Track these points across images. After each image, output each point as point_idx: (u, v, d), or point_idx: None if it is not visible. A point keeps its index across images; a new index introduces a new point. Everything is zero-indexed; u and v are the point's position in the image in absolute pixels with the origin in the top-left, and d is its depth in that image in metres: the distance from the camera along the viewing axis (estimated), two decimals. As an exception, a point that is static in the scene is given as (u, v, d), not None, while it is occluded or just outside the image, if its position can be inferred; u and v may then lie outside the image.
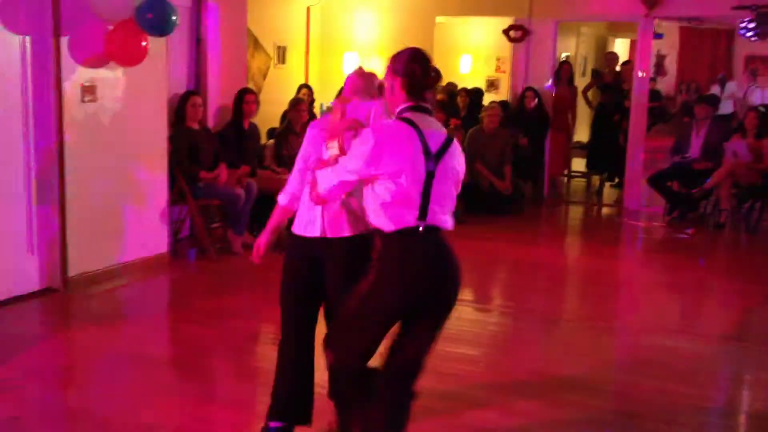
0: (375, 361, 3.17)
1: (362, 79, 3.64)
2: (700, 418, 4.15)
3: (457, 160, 3.13)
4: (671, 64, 17.20)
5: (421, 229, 3.01)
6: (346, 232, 3.40)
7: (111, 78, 5.88)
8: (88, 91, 5.73)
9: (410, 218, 3.01)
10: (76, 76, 5.61)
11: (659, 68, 16.84)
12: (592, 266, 7.37)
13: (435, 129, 3.09)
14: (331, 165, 3.16)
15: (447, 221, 3.10)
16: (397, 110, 3.13)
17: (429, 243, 3.04)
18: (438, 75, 3.28)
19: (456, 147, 3.14)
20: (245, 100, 7.33)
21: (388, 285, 3.04)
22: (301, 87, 9.25)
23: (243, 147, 7.33)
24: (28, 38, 5.37)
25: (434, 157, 3.03)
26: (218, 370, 4.68)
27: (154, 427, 3.76)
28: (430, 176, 3.01)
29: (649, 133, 10.57)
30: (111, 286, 5.95)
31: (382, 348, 3.16)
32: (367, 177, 3.04)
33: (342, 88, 3.84)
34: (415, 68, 3.15)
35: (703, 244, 8.38)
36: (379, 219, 3.04)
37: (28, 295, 5.56)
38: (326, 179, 3.15)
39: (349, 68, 9.79)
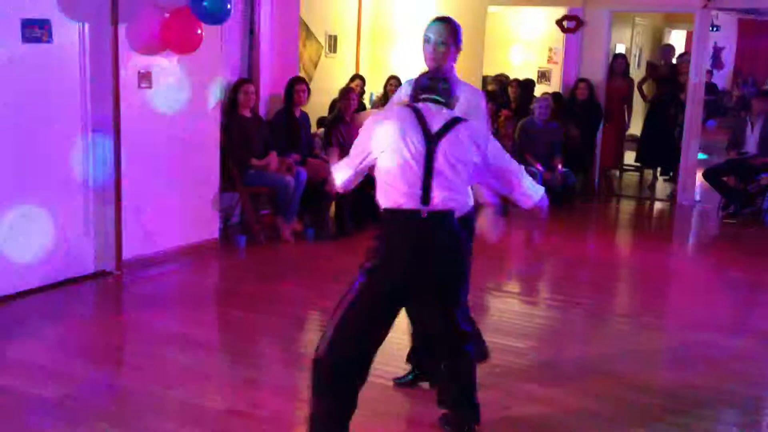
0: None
1: None
2: (750, 417, 4.08)
3: (463, 145, 3.15)
4: (728, 57, 16.81)
5: (424, 215, 3.05)
6: None
7: (166, 65, 5.97)
8: (144, 77, 5.83)
9: (408, 199, 3.06)
10: (132, 63, 5.71)
11: (716, 61, 16.47)
12: (642, 261, 7.27)
13: (439, 113, 3.19)
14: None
15: (453, 203, 3.12)
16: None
17: (421, 225, 3.07)
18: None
19: (461, 131, 3.16)
20: (296, 89, 7.38)
21: (379, 265, 3.11)
22: (353, 77, 9.28)
23: (293, 135, 7.38)
24: (86, 25, 5.48)
25: (435, 137, 3.09)
26: (266, 356, 4.74)
27: (202, 409, 3.83)
28: (429, 156, 3.06)
29: (704, 128, 10.36)
30: (163, 271, 6.06)
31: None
32: (367, 160, 3.20)
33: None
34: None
35: (758, 241, 8.20)
36: (379, 196, 3.17)
37: (83, 277, 5.69)
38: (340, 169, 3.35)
39: (400, 58, 9.78)
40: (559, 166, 9.05)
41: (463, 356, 3.40)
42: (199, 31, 5.78)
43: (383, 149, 3.14)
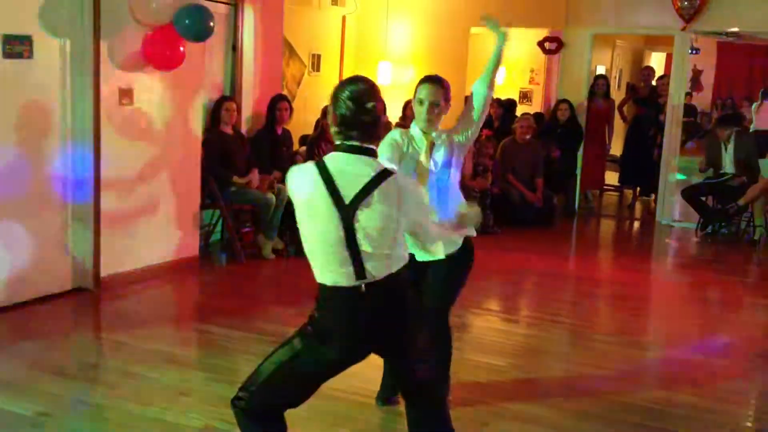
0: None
1: None
2: (729, 436, 4.10)
3: (390, 206, 2.71)
4: (707, 80, 17.03)
5: (362, 289, 2.73)
6: None
7: (148, 82, 5.97)
8: (126, 94, 5.82)
9: (341, 276, 2.74)
10: (114, 80, 5.70)
11: (695, 83, 16.68)
12: (623, 280, 7.30)
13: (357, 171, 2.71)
14: None
15: (393, 262, 2.78)
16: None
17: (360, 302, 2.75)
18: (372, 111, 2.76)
19: (386, 192, 2.70)
20: (278, 107, 7.40)
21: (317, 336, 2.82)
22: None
23: (275, 153, 7.39)
24: (68, 41, 5.47)
25: (350, 206, 2.68)
26: (244, 374, 4.68)
27: (180, 427, 3.80)
28: (349, 229, 2.68)
29: (683, 149, 10.48)
30: (141, 288, 6.02)
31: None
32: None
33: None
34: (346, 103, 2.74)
35: (737, 261, 8.27)
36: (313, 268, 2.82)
37: (61, 294, 5.64)
38: None
39: (383, 78, 9.83)
40: (540, 185, 9.10)
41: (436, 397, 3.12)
42: (182, 48, 5.79)
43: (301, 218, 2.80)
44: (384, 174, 2.72)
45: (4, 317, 5.16)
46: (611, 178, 11.48)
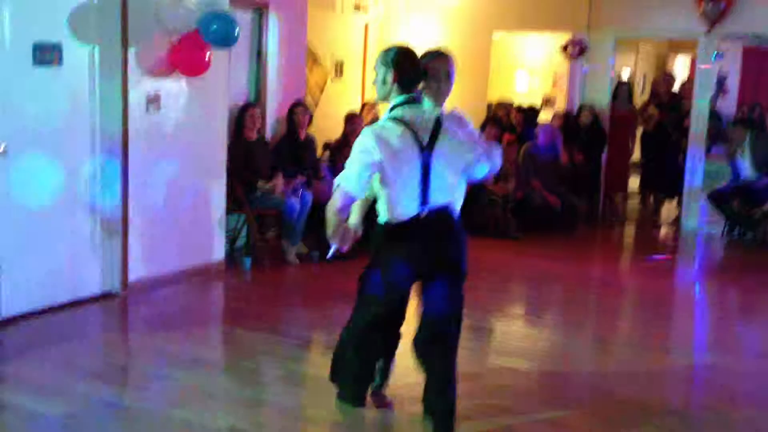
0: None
1: None
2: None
3: (452, 142, 3.52)
4: (733, 85, 16.88)
5: (423, 214, 3.45)
6: None
7: (175, 88, 6.04)
8: (153, 100, 5.90)
9: (414, 206, 3.46)
10: (141, 86, 5.78)
11: (720, 88, 16.54)
12: (646, 285, 7.27)
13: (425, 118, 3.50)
14: None
15: (446, 199, 3.52)
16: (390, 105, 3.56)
17: (428, 224, 3.48)
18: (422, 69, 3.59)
19: (446, 131, 3.50)
20: (294, 111, 7.48)
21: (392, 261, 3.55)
22: (364, 105, 9.38)
23: (299, 158, 7.45)
24: (97, 48, 5.56)
25: (428, 148, 3.44)
26: (269, 376, 4.75)
27: (206, 429, 3.84)
28: (426, 166, 3.43)
29: (708, 154, 10.40)
30: (168, 292, 6.09)
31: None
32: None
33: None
34: (404, 62, 3.51)
35: (762, 265, 8.21)
36: (386, 208, 3.53)
37: (89, 298, 5.72)
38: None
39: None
40: (562, 190, 9.09)
41: (453, 346, 3.74)
42: (208, 55, 5.86)
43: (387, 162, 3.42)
44: (440, 117, 3.53)
45: (35, 321, 5.24)
46: (635, 182, 11.43)
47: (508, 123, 10.10)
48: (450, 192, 3.56)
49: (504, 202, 8.67)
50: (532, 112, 10.81)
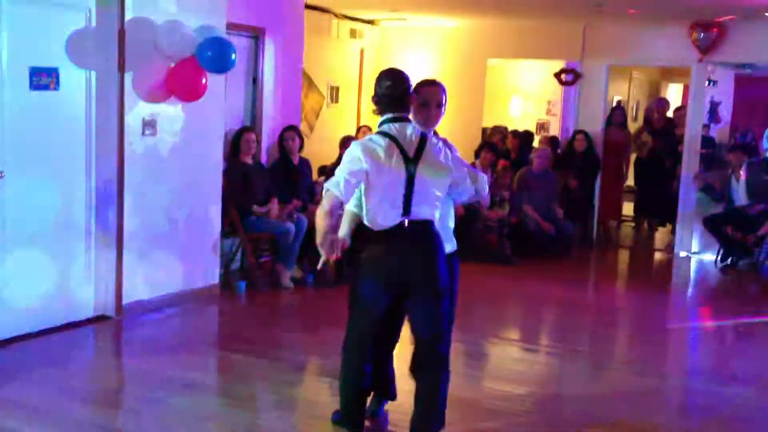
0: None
1: None
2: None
3: (437, 158, 3.67)
4: (725, 112, 17.01)
5: (406, 224, 3.59)
6: None
7: (171, 113, 6.07)
8: (149, 125, 5.93)
9: (395, 215, 3.59)
10: (137, 110, 5.81)
11: (713, 115, 16.66)
12: (641, 310, 7.28)
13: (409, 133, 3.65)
14: None
15: (428, 213, 3.64)
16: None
17: (407, 235, 3.61)
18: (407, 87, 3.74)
19: (432, 146, 3.67)
20: (285, 136, 7.53)
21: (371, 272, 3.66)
22: (360, 128, 9.44)
23: (294, 182, 7.47)
24: (93, 73, 5.59)
25: (413, 161, 3.59)
26: (265, 401, 4.74)
27: (200, 453, 3.83)
28: (410, 177, 3.57)
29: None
30: (163, 315, 6.08)
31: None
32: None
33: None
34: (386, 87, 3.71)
35: (756, 292, 8.24)
36: (368, 218, 3.65)
37: (83, 321, 5.70)
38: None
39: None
40: (558, 213, 9.12)
41: (439, 371, 3.75)
42: (204, 80, 5.90)
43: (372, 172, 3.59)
44: (426, 134, 3.71)
45: (29, 344, 5.22)
46: (628, 208, 11.49)
47: (503, 148, 10.17)
48: (432, 207, 3.67)
49: (499, 227, 8.70)
50: (527, 137, 10.89)
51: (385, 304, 3.71)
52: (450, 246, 3.99)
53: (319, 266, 3.69)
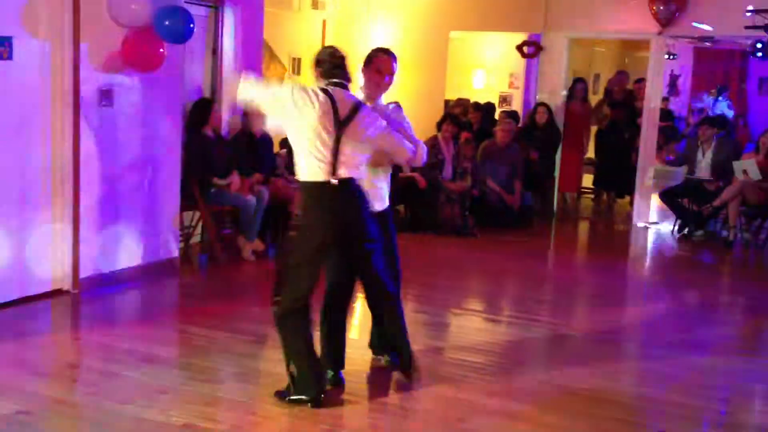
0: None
1: None
2: (702, 429, 4.18)
3: (366, 126, 3.90)
4: (685, 85, 17.20)
5: (333, 182, 3.82)
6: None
7: (128, 83, 5.97)
8: (106, 95, 5.83)
9: (322, 173, 3.83)
10: (93, 81, 5.70)
11: (672, 88, 16.85)
12: (600, 280, 7.38)
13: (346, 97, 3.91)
14: None
15: (358, 173, 3.91)
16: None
17: (337, 192, 3.84)
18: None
19: (364, 114, 3.90)
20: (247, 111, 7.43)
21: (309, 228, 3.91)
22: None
23: (255, 155, 7.41)
24: (47, 43, 5.47)
25: (343, 122, 3.81)
26: (224, 372, 4.73)
27: (160, 426, 3.81)
28: (338, 138, 3.80)
29: (660, 153, 10.58)
30: (122, 289, 6.02)
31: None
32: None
33: None
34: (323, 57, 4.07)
35: (712, 262, 8.40)
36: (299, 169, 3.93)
37: (40, 295, 5.63)
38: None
39: (362, 81, 9.87)
40: (518, 188, 9.18)
41: (390, 300, 4.17)
42: (162, 50, 5.80)
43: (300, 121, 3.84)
44: (360, 103, 3.97)
45: (-17, 318, 5.15)
46: (587, 180, 11.61)
47: (465, 121, 10.18)
48: (357, 167, 3.95)
49: (461, 200, 8.73)
50: (489, 110, 10.90)
51: (322, 259, 4.03)
52: (380, 205, 4.31)
53: None
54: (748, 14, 8.65)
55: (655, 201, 9.70)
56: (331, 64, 3.99)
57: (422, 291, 6.45)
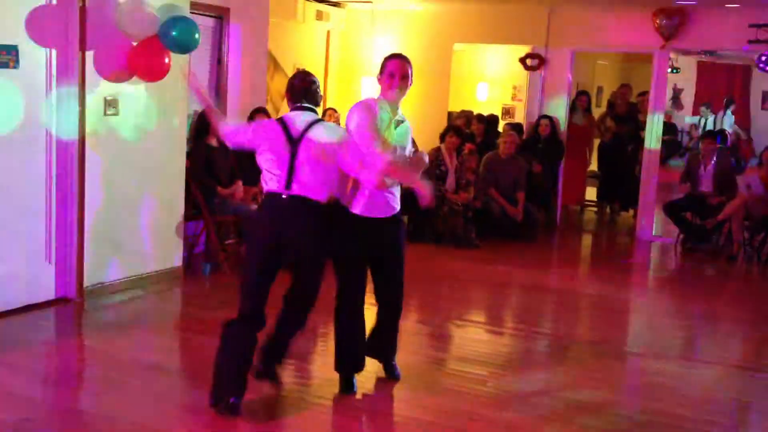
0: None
1: None
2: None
3: (319, 137, 4.00)
4: (688, 98, 17.24)
5: (284, 195, 3.96)
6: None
7: (133, 93, 6.00)
8: (111, 104, 5.85)
9: (277, 186, 3.99)
10: (99, 90, 5.73)
11: (675, 102, 16.89)
12: (603, 293, 7.37)
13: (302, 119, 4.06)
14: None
15: (316, 191, 3.99)
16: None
17: (285, 206, 3.97)
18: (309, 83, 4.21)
19: (320, 128, 4.03)
20: (255, 118, 7.46)
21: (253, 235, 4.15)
22: (326, 110, 9.40)
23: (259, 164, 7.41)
24: (54, 51, 5.50)
25: (296, 141, 3.98)
26: (228, 382, 4.72)
27: (163, 433, 3.82)
28: (293, 155, 3.97)
29: (663, 166, 10.62)
30: (125, 298, 6.03)
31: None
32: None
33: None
34: (294, 82, 4.21)
35: (716, 275, 8.39)
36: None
37: (44, 303, 5.64)
38: None
39: (366, 93, 9.91)
40: (521, 200, 9.19)
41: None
42: (167, 60, 5.82)
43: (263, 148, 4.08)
44: (318, 119, 4.11)
45: (-13, 326, 5.16)
46: (591, 193, 11.62)
47: (468, 132, 10.20)
48: (320, 187, 4.02)
49: (464, 211, 8.74)
50: (492, 122, 10.93)
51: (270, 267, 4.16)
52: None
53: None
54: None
55: (659, 214, 9.71)
56: (301, 89, 4.17)
57: (424, 302, 6.46)
